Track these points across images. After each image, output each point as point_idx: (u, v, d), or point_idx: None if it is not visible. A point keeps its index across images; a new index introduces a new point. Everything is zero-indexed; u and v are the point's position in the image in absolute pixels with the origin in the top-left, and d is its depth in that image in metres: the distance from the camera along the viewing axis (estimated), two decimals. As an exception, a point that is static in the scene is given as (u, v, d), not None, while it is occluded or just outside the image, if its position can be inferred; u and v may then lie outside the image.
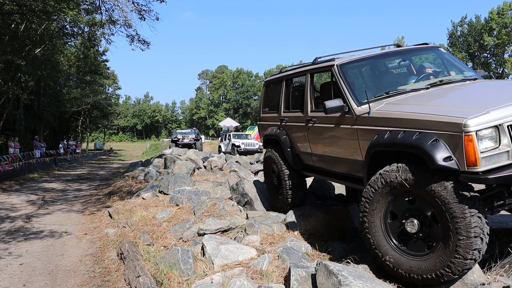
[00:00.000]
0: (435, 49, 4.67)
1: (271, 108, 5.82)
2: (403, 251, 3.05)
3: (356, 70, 4.33)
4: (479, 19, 51.42)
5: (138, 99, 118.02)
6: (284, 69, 5.57)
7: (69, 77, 33.96)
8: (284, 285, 3.35)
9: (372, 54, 4.41)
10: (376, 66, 4.56)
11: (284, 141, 5.19)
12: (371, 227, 3.20)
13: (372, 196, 3.19)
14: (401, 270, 3.01)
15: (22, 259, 4.88)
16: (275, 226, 5.01)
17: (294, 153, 5.08)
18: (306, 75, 4.71)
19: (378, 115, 3.42)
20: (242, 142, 24.49)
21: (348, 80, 3.93)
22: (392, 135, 3.12)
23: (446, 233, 2.76)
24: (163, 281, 3.58)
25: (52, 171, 18.97)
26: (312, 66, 4.62)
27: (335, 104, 3.75)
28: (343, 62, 4.09)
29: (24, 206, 8.92)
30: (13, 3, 13.59)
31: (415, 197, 3.00)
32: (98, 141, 72.35)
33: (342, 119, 3.88)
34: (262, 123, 6.13)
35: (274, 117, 5.57)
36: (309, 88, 4.62)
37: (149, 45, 15.49)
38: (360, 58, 4.33)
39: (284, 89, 5.32)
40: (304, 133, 4.73)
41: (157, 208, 6.94)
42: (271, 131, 5.62)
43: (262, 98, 6.21)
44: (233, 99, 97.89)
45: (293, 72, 5.17)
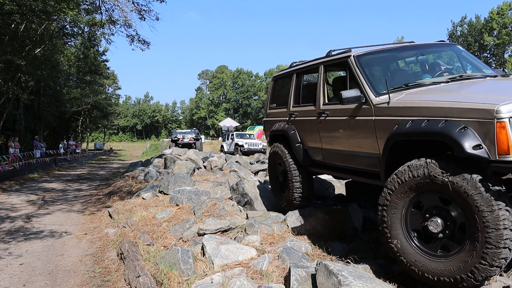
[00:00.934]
0: (452, 46, 4.59)
1: (279, 103, 5.72)
2: (422, 251, 2.92)
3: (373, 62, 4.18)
4: (479, 19, 51.44)
5: (138, 99, 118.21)
6: (295, 63, 5.44)
7: (69, 77, 33.94)
8: (284, 285, 3.35)
9: (389, 47, 4.34)
10: (393, 60, 4.47)
11: (293, 136, 5.05)
12: (389, 222, 3.08)
13: (394, 190, 3.05)
14: (415, 268, 2.90)
15: (22, 259, 4.88)
16: (275, 226, 5.01)
17: (303, 149, 4.94)
18: (319, 68, 4.59)
19: (399, 104, 3.30)
20: (245, 142, 23.95)
21: (365, 71, 3.84)
22: (415, 124, 2.99)
23: (472, 230, 2.62)
24: (163, 281, 3.58)
25: (52, 171, 18.97)
26: (326, 59, 4.50)
27: (352, 94, 3.63)
28: (360, 53, 4.01)
29: (24, 206, 8.92)
30: (13, 3, 13.58)
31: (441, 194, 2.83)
32: (98, 141, 72.33)
33: (358, 110, 3.75)
34: (269, 119, 6.00)
35: (282, 112, 5.46)
36: (322, 81, 4.51)
37: (149, 45, 15.52)
38: (377, 50, 4.25)
39: (294, 83, 5.20)
40: (315, 128, 4.60)
41: (157, 208, 6.94)
42: (278, 126, 5.48)
43: (270, 93, 6.10)
44: (233, 99, 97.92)
45: (305, 66, 5.04)
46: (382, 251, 3.98)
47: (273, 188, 5.87)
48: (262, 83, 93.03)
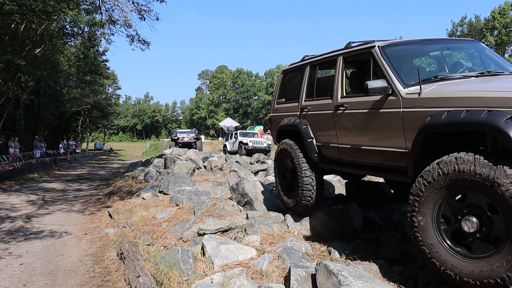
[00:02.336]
0: (475, 43, 4.46)
1: (289, 98, 5.48)
2: (457, 252, 2.73)
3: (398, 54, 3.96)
4: (479, 19, 51.47)
5: (138, 99, 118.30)
6: (307, 56, 5.23)
7: (69, 77, 33.95)
8: (284, 285, 3.35)
9: (413, 40, 4.22)
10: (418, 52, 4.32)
11: (304, 131, 4.78)
12: (420, 224, 2.87)
13: (424, 189, 2.86)
14: (451, 273, 2.70)
15: (22, 259, 4.88)
16: (275, 226, 5.01)
17: (316, 145, 4.67)
18: (338, 60, 4.37)
19: (432, 95, 3.10)
20: (250, 140, 23.03)
21: (391, 61, 3.66)
22: (453, 115, 2.80)
23: None
24: (163, 281, 3.58)
25: (52, 171, 18.97)
26: (345, 50, 4.31)
27: (379, 84, 3.44)
28: (385, 44, 3.84)
29: (24, 206, 8.92)
30: (13, 3, 13.59)
31: (476, 190, 2.66)
32: (98, 141, 72.35)
33: (383, 102, 3.54)
34: (276, 115, 5.72)
35: (293, 107, 5.21)
36: (340, 73, 4.29)
37: (149, 45, 15.52)
38: (402, 41, 4.11)
39: (307, 76, 4.98)
40: (330, 122, 4.33)
41: (157, 208, 6.94)
42: (288, 121, 5.22)
43: (278, 88, 5.86)
44: (233, 99, 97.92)
45: (321, 58, 4.80)
46: (382, 251, 3.98)
47: (280, 189, 5.55)
48: (262, 83, 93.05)
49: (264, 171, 11.92)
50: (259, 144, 22.86)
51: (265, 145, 22.89)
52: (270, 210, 5.94)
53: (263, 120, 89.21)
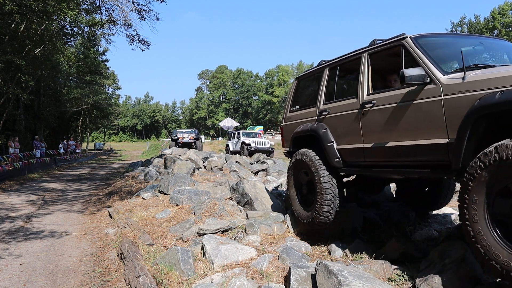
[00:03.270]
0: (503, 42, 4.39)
1: (304, 104, 5.29)
2: (507, 246, 2.56)
3: (431, 45, 3.81)
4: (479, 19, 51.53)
5: (138, 99, 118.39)
6: (324, 61, 5.09)
7: (69, 77, 33.98)
8: (284, 285, 3.35)
9: (444, 33, 4.14)
10: (450, 44, 4.16)
11: (324, 135, 4.51)
12: (472, 217, 2.71)
13: (477, 180, 2.67)
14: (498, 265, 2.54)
15: (22, 259, 4.88)
16: (275, 226, 5.01)
17: (338, 149, 4.38)
18: (363, 57, 4.22)
19: (480, 77, 2.93)
20: (252, 140, 22.48)
21: (426, 51, 3.52)
22: (509, 93, 2.64)
23: None
24: (163, 281, 3.58)
25: (52, 171, 18.97)
26: (371, 47, 4.19)
27: (416, 72, 3.25)
28: (417, 35, 3.73)
29: (24, 206, 8.92)
30: (13, 3, 13.59)
31: None
32: (98, 141, 72.40)
33: (418, 92, 3.36)
34: (290, 123, 5.47)
35: (309, 112, 5.01)
36: (366, 70, 4.13)
37: (149, 45, 15.50)
38: (432, 34, 3.98)
39: (326, 79, 4.83)
40: (355, 122, 4.10)
41: (157, 208, 6.94)
42: (304, 127, 4.96)
43: (292, 95, 5.66)
44: (233, 99, 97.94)
45: (343, 58, 4.64)
46: (382, 251, 3.97)
47: (294, 204, 5.08)
48: (262, 83, 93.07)
49: (264, 171, 11.92)
50: (261, 144, 22.43)
51: (268, 146, 22.56)
52: (270, 210, 5.94)
53: (263, 120, 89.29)
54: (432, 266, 3.21)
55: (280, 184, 8.53)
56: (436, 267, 3.15)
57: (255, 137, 23.70)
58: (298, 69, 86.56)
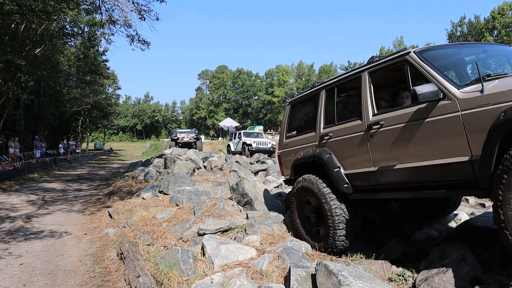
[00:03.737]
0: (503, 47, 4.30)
1: (302, 129, 5.08)
2: None
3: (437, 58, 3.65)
4: (479, 19, 51.52)
5: (138, 99, 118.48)
6: (318, 83, 4.92)
7: (69, 77, 33.99)
8: (284, 285, 3.35)
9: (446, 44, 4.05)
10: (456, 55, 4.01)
11: (328, 160, 4.29)
12: (508, 219, 2.59)
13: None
14: None
15: (22, 259, 4.88)
16: (275, 226, 5.01)
17: (346, 174, 4.15)
18: (363, 76, 4.05)
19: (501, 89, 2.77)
20: (253, 141, 22.22)
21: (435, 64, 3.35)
22: None
23: None
24: (163, 281, 3.58)
25: (52, 171, 18.97)
26: (370, 65, 4.01)
27: (429, 89, 3.08)
28: (421, 49, 3.59)
29: (24, 206, 8.92)
30: (13, 3, 13.59)
31: None
32: (98, 141, 72.45)
33: (431, 109, 3.17)
34: (287, 150, 5.26)
35: (308, 137, 4.80)
36: (368, 90, 3.95)
37: (149, 45, 15.51)
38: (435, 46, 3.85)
39: (323, 102, 4.62)
40: (362, 145, 3.91)
41: (157, 208, 6.94)
42: (305, 153, 4.73)
43: (287, 121, 5.45)
44: (233, 99, 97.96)
45: (340, 79, 4.45)
46: (382, 251, 3.98)
47: (302, 232, 4.74)
48: (262, 83, 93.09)
49: (264, 171, 11.93)
50: (263, 144, 22.14)
51: (269, 146, 22.29)
52: (270, 210, 5.94)
53: (263, 120, 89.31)
54: (432, 266, 3.21)
55: (280, 184, 8.53)
56: (436, 267, 3.15)
57: (256, 137, 23.45)
58: (298, 69, 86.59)
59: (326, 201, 4.20)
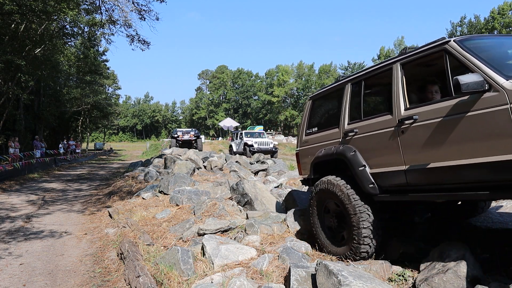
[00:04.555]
0: None
1: (323, 125, 4.83)
2: None
3: (479, 47, 3.36)
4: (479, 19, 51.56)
5: (138, 99, 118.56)
6: (341, 77, 4.66)
7: (69, 77, 34.04)
8: (284, 285, 3.35)
9: (488, 35, 3.85)
10: (497, 46, 3.72)
11: (353, 158, 4.02)
12: None
13: None
14: None
15: (22, 259, 4.88)
16: (275, 226, 5.01)
17: (371, 174, 3.86)
18: (394, 69, 3.79)
19: None
20: (255, 141, 21.89)
21: (478, 54, 3.09)
22: None
23: None
24: (163, 281, 3.58)
25: (52, 171, 18.97)
26: (403, 56, 3.75)
27: (474, 79, 2.83)
28: (462, 38, 3.33)
29: (24, 206, 8.92)
30: (13, 3, 13.60)
31: None
32: (98, 141, 72.49)
33: (474, 102, 2.91)
34: (307, 148, 4.98)
35: (331, 134, 4.54)
36: (400, 82, 3.70)
37: (149, 45, 15.53)
38: (477, 36, 3.61)
39: (349, 96, 4.38)
40: (392, 142, 3.64)
41: (157, 208, 6.94)
42: (327, 151, 4.44)
43: (307, 117, 5.18)
44: (233, 99, 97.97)
45: (367, 71, 4.19)
46: (382, 251, 3.97)
47: (321, 238, 4.41)
48: (262, 83, 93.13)
49: (264, 171, 11.93)
50: (265, 145, 21.81)
51: (271, 146, 22.06)
52: (270, 210, 5.94)
53: (263, 120, 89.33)
54: (432, 266, 3.21)
55: (280, 184, 8.53)
56: (436, 267, 3.15)
57: (258, 137, 23.11)
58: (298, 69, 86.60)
59: (350, 203, 3.91)
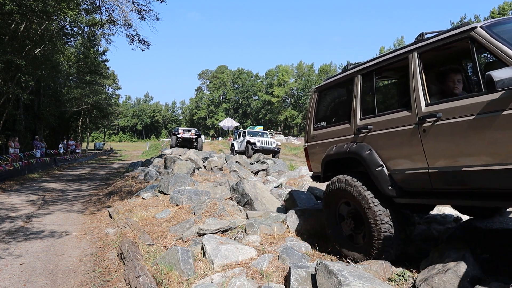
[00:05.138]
0: None
1: (332, 119, 4.50)
2: None
3: (509, 35, 2.90)
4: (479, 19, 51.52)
5: (138, 99, 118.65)
6: (351, 65, 4.26)
7: (69, 77, 34.04)
8: (284, 285, 3.35)
9: None
10: None
11: (369, 157, 3.70)
12: None
13: None
14: None
15: (22, 259, 4.88)
16: (275, 226, 5.01)
17: (390, 174, 3.57)
18: (411, 58, 3.40)
19: None
20: (257, 140, 21.41)
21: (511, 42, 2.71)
22: None
23: None
24: (163, 281, 3.58)
25: (52, 171, 18.97)
26: (420, 44, 3.34)
27: (510, 74, 2.50)
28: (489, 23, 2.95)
29: (24, 206, 8.92)
30: (13, 3, 13.60)
31: None
32: (98, 141, 72.51)
33: (510, 99, 2.57)
34: (315, 143, 4.65)
35: (341, 130, 4.19)
36: (418, 74, 3.33)
37: (149, 45, 15.52)
38: (506, 19, 3.20)
39: (359, 88, 4.01)
40: (413, 141, 3.31)
41: (157, 208, 6.94)
42: (339, 148, 4.13)
43: (314, 110, 4.80)
44: (233, 99, 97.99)
45: (380, 61, 3.79)
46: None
47: (336, 240, 4.17)
48: (262, 83, 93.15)
49: (264, 171, 11.93)
50: (267, 144, 21.41)
51: (274, 146, 21.76)
52: (270, 210, 5.94)
53: (263, 120, 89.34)
54: (432, 266, 3.21)
55: (280, 184, 8.53)
56: (436, 267, 3.15)
57: (262, 136, 22.78)
58: (298, 69, 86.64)
59: (369, 207, 3.61)
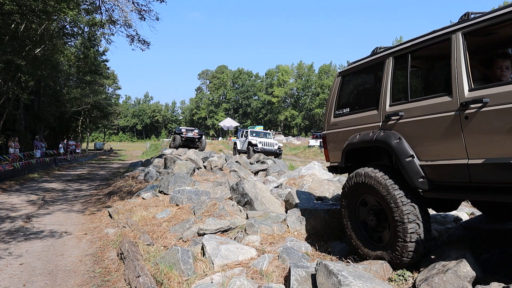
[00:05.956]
0: None
1: (357, 106, 4.24)
2: None
3: None
4: (479, 19, 51.48)
5: (138, 99, 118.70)
6: (380, 48, 4.00)
7: (69, 77, 34.02)
8: (284, 285, 3.35)
9: None
10: None
11: (398, 147, 3.41)
12: None
13: None
14: None
15: (22, 259, 4.88)
16: (275, 226, 5.01)
17: (421, 166, 3.29)
18: (454, 39, 3.10)
19: None
20: (259, 141, 21.18)
21: None
22: None
23: None
24: (163, 281, 3.58)
25: (52, 171, 18.97)
26: (465, 24, 3.04)
27: None
28: None
29: (24, 206, 8.92)
30: (13, 3, 13.61)
31: None
32: (98, 141, 72.51)
33: None
34: (336, 131, 4.38)
35: (367, 117, 3.93)
36: (462, 57, 3.02)
37: (149, 45, 15.51)
38: None
39: (390, 72, 3.73)
40: (452, 130, 3.03)
41: (157, 208, 6.94)
42: (363, 136, 3.85)
43: (336, 95, 4.52)
44: (233, 99, 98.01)
45: (417, 43, 3.48)
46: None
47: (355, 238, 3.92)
48: (262, 83, 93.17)
49: (264, 171, 11.93)
50: (269, 146, 21.16)
51: (276, 148, 21.50)
52: (270, 210, 5.93)
53: (263, 120, 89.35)
54: (432, 266, 3.21)
55: (280, 184, 8.52)
56: (436, 267, 3.15)
57: (264, 137, 22.47)
58: (298, 69, 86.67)
59: (395, 204, 3.35)
